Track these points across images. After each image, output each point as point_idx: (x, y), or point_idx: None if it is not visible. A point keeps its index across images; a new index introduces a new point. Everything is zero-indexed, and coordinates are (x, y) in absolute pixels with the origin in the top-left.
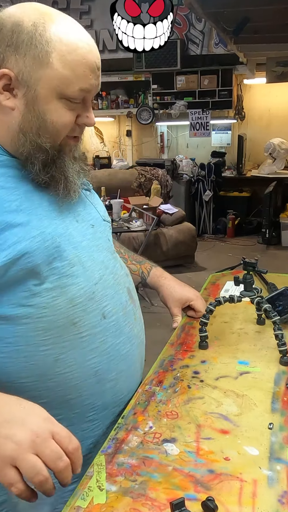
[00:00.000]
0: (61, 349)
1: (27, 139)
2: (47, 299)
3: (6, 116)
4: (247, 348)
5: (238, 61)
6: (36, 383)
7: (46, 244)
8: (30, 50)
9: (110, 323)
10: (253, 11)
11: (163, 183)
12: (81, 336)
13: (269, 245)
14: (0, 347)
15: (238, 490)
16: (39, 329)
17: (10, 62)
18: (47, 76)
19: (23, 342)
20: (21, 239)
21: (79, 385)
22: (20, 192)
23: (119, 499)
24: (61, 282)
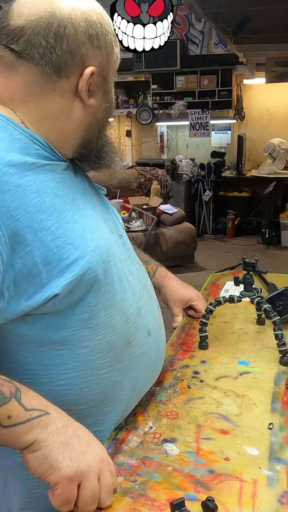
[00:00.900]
0: (119, 371)
1: (101, 129)
2: (106, 319)
3: (85, 115)
4: (247, 348)
5: (238, 61)
6: (93, 409)
7: (103, 257)
8: (106, 39)
9: (153, 339)
10: (253, 11)
11: (163, 183)
12: (135, 356)
13: (269, 245)
14: (60, 374)
15: (238, 490)
16: (99, 351)
17: (94, 57)
18: (114, 60)
19: (84, 367)
20: (83, 253)
21: (127, 406)
22: (69, 199)
23: (119, 500)
24: (116, 299)
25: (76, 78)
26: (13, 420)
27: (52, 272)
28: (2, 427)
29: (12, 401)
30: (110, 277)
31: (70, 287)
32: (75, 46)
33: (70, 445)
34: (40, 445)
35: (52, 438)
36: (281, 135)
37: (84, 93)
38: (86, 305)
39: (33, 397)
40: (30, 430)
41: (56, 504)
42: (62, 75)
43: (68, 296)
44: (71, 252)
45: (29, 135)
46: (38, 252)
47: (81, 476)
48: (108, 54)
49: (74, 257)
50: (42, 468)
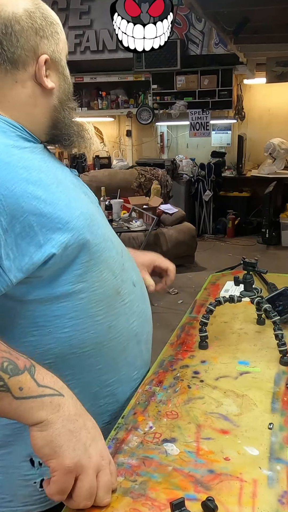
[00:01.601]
0: (112, 317)
1: (66, 108)
2: (97, 273)
3: (48, 98)
4: (247, 348)
5: (238, 61)
6: (94, 350)
7: (87, 222)
8: (50, 30)
9: (138, 290)
10: (253, 11)
11: (163, 183)
12: (124, 303)
13: (269, 245)
14: (64, 323)
15: (238, 490)
16: (94, 301)
17: (43, 47)
18: (62, 45)
19: (83, 315)
20: (70, 218)
21: (126, 347)
22: (52, 174)
23: (119, 499)
24: (103, 257)
25: (33, 68)
26: (24, 392)
27: (47, 235)
28: (14, 398)
29: (25, 374)
30: (97, 238)
31: (64, 247)
32: (25, 40)
33: (77, 436)
34: (48, 426)
35: (62, 423)
36: (281, 135)
37: (42, 79)
38: (79, 263)
39: (48, 376)
40: (41, 407)
41: (50, 491)
42: (20, 68)
43: (64, 256)
44: (61, 217)
45: (6, 122)
46: (34, 218)
47: (80, 469)
48: (56, 41)
49: (64, 221)
50: (45, 450)
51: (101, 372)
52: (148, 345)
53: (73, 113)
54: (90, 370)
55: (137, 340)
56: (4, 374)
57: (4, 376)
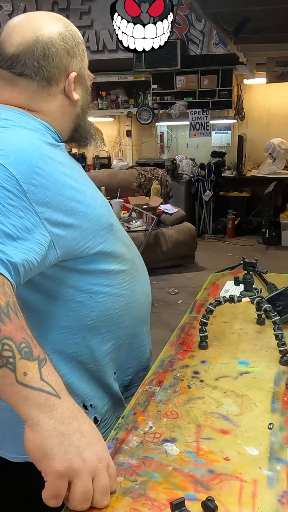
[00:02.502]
0: (133, 283)
1: (86, 114)
2: (120, 250)
3: (73, 108)
4: (247, 348)
5: (238, 61)
6: (123, 311)
7: (107, 207)
8: (78, 50)
9: (142, 261)
10: (253, 11)
11: (163, 183)
12: (138, 272)
13: (269, 245)
14: (101, 290)
15: (238, 490)
16: (120, 272)
17: (72, 65)
18: (86, 61)
19: (114, 282)
20: (95, 205)
21: (143, 307)
22: (76, 170)
23: (119, 499)
24: (119, 235)
25: (63, 83)
26: (27, 379)
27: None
28: (16, 381)
29: (35, 363)
30: (114, 220)
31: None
32: (59, 61)
33: (69, 439)
34: (39, 427)
35: (53, 425)
36: (281, 135)
37: (71, 93)
38: (107, 242)
39: (52, 374)
40: (36, 402)
41: (44, 496)
42: (53, 84)
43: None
44: (90, 204)
45: (43, 124)
46: (73, 203)
47: (73, 473)
48: (82, 58)
49: (92, 207)
50: (35, 452)
51: (128, 328)
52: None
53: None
54: (121, 327)
55: (148, 300)
56: (17, 353)
57: (17, 355)
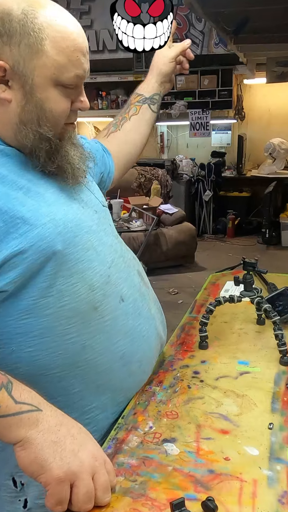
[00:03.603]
0: (87, 335)
1: (28, 130)
2: (67, 287)
3: (4, 109)
4: (247, 348)
5: (238, 61)
6: (66, 372)
7: (58, 229)
8: (23, 39)
9: (129, 305)
10: (253, 11)
11: (163, 183)
12: (104, 321)
13: (269, 245)
14: (27, 342)
15: (238, 490)
16: (63, 317)
17: (4, 53)
18: (42, 64)
19: (49, 333)
20: (32, 227)
21: (108, 369)
22: (25, 179)
23: (119, 499)
24: (78, 268)
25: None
26: (2, 410)
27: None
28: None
29: (2, 392)
30: (71, 247)
31: (20, 258)
32: None
33: (62, 445)
34: (29, 443)
35: (42, 437)
36: (281, 135)
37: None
38: (45, 275)
39: (25, 392)
40: (20, 424)
41: (48, 504)
42: None
43: (23, 267)
44: (19, 226)
45: None
46: None
47: (73, 476)
48: (27, 54)
49: (22, 230)
50: (32, 468)
51: (78, 396)
52: (145, 365)
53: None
54: (65, 394)
55: (124, 361)
56: None
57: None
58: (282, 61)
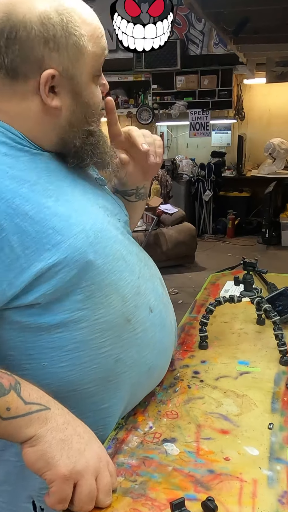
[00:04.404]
0: (120, 349)
1: (78, 131)
2: (101, 299)
3: (50, 117)
4: (247, 348)
5: (238, 61)
6: (98, 387)
7: (89, 240)
8: (69, 41)
9: (155, 316)
10: (253, 11)
11: (163, 183)
12: (136, 333)
13: (269, 245)
14: (60, 357)
15: (238, 490)
16: (97, 331)
17: (52, 60)
18: (85, 61)
19: (83, 347)
20: (64, 237)
21: (136, 383)
22: (54, 186)
23: (119, 499)
24: (111, 279)
25: (36, 81)
26: (12, 412)
27: (32, 257)
28: (2, 419)
29: (11, 393)
30: (103, 258)
31: (54, 271)
32: (29, 51)
33: (69, 443)
34: (38, 440)
35: (51, 435)
36: (281, 135)
37: (44, 96)
38: (80, 287)
39: (33, 391)
40: (29, 424)
41: (51, 502)
42: (19, 78)
43: (58, 280)
44: (51, 236)
45: (4, 128)
46: (15, 237)
47: (78, 475)
48: (75, 55)
49: (55, 241)
50: (39, 464)
51: (106, 412)
52: (161, 376)
53: (92, 136)
54: (94, 410)
55: (149, 374)
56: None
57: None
58: (282, 61)
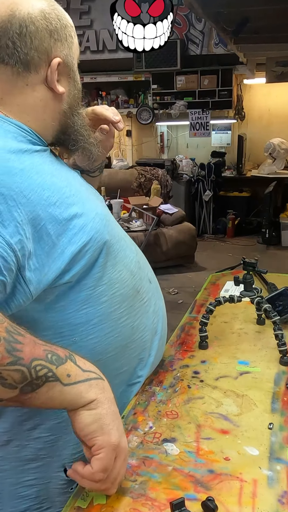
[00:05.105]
0: (134, 317)
1: (75, 113)
2: (115, 275)
3: (57, 103)
4: (247, 348)
5: (238, 61)
6: (119, 354)
7: (103, 222)
8: (65, 31)
9: (153, 286)
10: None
11: (163, 183)
12: (144, 302)
13: (269, 245)
14: (88, 330)
15: (238, 490)
16: (115, 303)
17: (57, 49)
18: (74, 49)
19: (106, 320)
20: (86, 221)
21: (150, 346)
22: (63, 177)
23: (119, 499)
24: (119, 257)
25: (45, 71)
26: (72, 378)
27: (64, 242)
28: (64, 385)
29: (69, 362)
30: (113, 238)
31: (83, 252)
32: (39, 42)
33: (118, 418)
34: (97, 405)
35: (108, 403)
36: (281, 135)
37: (54, 84)
38: (98, 266)
39: (87, 362)
40: (89, 389)
41: (95, 469)
42: (31, 70)
43: (84, 260)
44: (76, 222)
45: (16, 126)
46: (50, 226)
47: (119, 451)
48: (69, 45)
49: (80, 225)
50: (93, 427)
51: (126, 374)
52: (164, 341)
53: (82, 118)
54: (117, 374)
55: (158, 337)
56: (51, 365)
57: (52, 367)
58: (282, 61)
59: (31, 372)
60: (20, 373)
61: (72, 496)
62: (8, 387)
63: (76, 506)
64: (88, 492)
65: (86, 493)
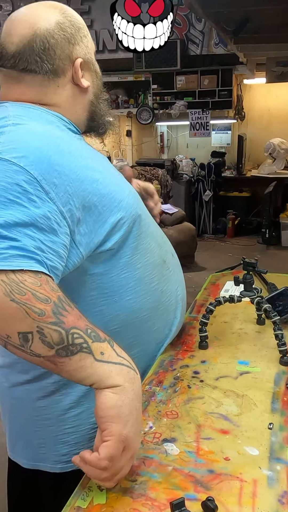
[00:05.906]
0: (162, 283)
1: (100, 101)
2: (146, 245)
3: (85, 95)
4: (247, 348)
5: (238, 61)
6: (152, 314)
7: (135, 199)
8: (80, 33)
9: (175, 259)
10: (253, 11)
11: (163, 183)
12: (169, 271)
13: (269, 245)
14: (126, 292)
15: (238, 490)
16: (148, 270)
17: (76, 51)
18: (91, 45)
19: (140, 284)
20: (122, 197)
21: (174, 309)
22: (98, 161)
23: (119, 499)
24: (149, 230)
25: (70, 72)
26: (105, 356)
27: (108, 213)
28: (95, 360)
29: (106, 344)
30: (143, 213)
31: (122, 223)
32: (61, 51)
33: (138, 416)
34: (122, 392)
35: (132, 396)
36: (281, 135)
37: (79, 81)
38: (133, 237)
39: (124, 352)
40: (120, 373)
41: (101, 455)
42: (60, 75)
43: (122, 231)
44: (116, 197)
45: (57, 116)
46: (96, 198)
47: (127, 446)
48: (85, 43)
49: (118, 200)
50: (111, 412)
51: (157, 332)
52: (185, 308)
53: (106, 103)
54: (149, 332)
55: (182, 304)
56: (88, 338)
57: (88, 340)
58: (282, 61)
59: (68, 337)
60: (58, 334)
61: (72, 496)
62: (46, 345)
63: (76, 506)
64: (88, 492)
65: (86, 493)
